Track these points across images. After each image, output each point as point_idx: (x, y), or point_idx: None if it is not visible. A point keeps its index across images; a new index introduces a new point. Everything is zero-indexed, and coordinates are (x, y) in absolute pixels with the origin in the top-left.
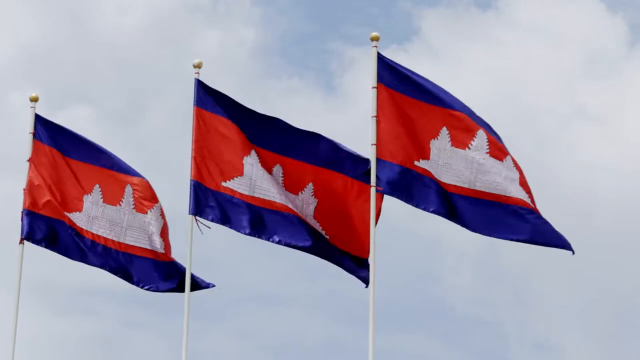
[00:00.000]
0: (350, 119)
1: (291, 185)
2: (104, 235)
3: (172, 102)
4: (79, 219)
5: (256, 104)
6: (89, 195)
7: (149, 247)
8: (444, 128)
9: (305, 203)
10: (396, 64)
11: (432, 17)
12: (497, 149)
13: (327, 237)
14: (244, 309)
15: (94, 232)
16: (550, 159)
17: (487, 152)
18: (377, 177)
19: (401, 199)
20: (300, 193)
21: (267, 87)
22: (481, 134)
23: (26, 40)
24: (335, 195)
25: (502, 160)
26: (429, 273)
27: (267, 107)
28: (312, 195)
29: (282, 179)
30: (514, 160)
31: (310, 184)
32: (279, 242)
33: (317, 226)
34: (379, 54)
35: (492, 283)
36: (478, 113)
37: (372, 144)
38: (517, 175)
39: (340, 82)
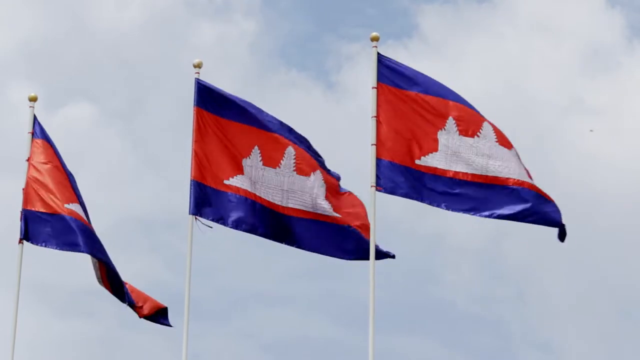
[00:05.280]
0: (348, 117)
1: (303, 167)
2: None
3: (173, 100)
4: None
5: (255, 99)
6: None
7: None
8: (450, 118)
9: (317, 184)
10: (396, 62)
11: (430, 13)
12: (505, 140)
13: (339, 216)
14: (244, 309)
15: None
16: (550, 153)
17: (496, 141)
18: (377, 177)
19: (402, 196)
20: (312, 174)
21: (265, 82)
22: (487, 125)
23: (24, 36)
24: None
25: (511, 149)
26: (430, 272)
27: (266, 104)
28: (321, 179)
29: (294, 161)
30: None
31: (319, 170)
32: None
33: (328, 207)
34: (379, 54)
35: (494, 282)
36: (477, 107)
37: (372, 144)
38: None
39: (339, 79)
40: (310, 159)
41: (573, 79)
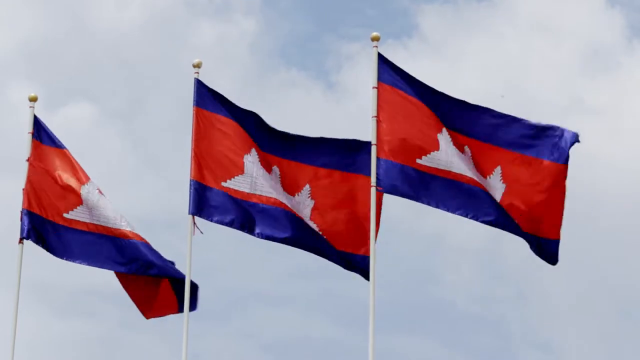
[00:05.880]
0: (348, 117)
1: (288, 187)
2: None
3: (173, 100)
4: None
5: (255, 99)
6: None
7: None
8: (444, 129)
9: (302, 205)
10: (398, 67)
11: (430, 13)
12: (484, 163)
13: (324, 238)
14: (244, 309)
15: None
16: None
17: (473, 168)
18: (378, 177)
19: (403, 197)
20: (297, 195)
21: (265, 82)
22: (467, 151)
23: (24, 36)
24: (332, 194)
25: (486, 177)
26: (430, 272)
27: (266, 104)
28: (308, 197)
29: (279, 180)
30: (503, 173)
31: (307, 186)
32: (279, 241)
33: (315, 227)
34: (379, 54)
35: (494, 282)
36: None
37: (372, 144)
38: (501, 190)
39: (339, 79)
40: (297, 176)
41: (573, 79)
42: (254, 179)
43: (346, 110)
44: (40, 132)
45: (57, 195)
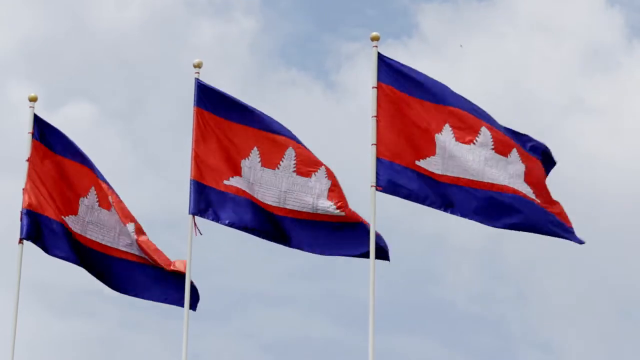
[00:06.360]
0: (348, 117)
1: (304, 168)
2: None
3: (173, 100)
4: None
5: (255, 99)
6: (85, 197)
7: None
8: (447, 125)
9: (319, 183)
10: (397, 62)
11: (430, 13)
12: (502, 145)
13: (344, 214)
14: (244, 309)
15: None
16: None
17: (492, 149)
18: (377, 177)
19: (402, 197)
20: (313, 175)
21: (265, 82)
22: (485, 131)
23: (24, 36)
24: None
25: (507, 156)
26: (430, 272)
27: (266, 104)
28: (325, 177)
29: (295, 162)
30: (520, 152)
31: (323, 167)
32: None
33: (332, 208)
34: (379, 53)
35: (494, 282)
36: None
37: (372, 144)
38: (522, 169)
39: (339, 79)
40: (312, 156)
41: (573, 78)
42: (250, 184)
43: (346, 110)
44: (44, 134)
45: (55, 198)
